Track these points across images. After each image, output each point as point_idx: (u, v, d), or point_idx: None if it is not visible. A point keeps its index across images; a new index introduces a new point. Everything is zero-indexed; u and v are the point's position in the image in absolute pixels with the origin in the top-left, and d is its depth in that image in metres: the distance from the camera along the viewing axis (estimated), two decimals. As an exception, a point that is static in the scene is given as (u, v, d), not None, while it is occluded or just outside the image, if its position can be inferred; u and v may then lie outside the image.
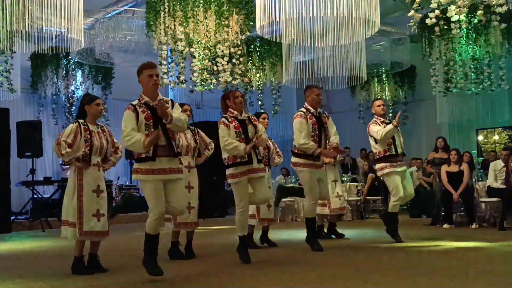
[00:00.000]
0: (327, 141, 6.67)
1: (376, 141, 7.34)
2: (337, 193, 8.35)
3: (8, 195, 10.91)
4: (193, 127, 6.46)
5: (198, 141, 6.41)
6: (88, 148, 5.39)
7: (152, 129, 4.78)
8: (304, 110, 6.66)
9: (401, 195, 7.22)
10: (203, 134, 6.61)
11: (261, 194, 5.79)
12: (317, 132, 6.54)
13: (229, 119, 5.77)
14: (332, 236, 8.17)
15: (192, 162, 6.33)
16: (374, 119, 7.49)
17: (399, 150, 7.33)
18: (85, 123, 5.48)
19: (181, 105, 6.35)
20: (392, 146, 7.29)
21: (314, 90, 6.75)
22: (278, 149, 7.56)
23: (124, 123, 4.79)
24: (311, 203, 6.62)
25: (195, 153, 6.40)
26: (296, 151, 6.66)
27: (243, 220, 5.76)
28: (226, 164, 5.76)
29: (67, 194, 5.37)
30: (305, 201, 6.82)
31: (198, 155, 6.48)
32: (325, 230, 8.26)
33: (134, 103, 4.90)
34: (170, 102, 5.03)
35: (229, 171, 5.74)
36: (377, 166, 7.44)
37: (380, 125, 7.34)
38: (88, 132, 5.42)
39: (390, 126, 7.20)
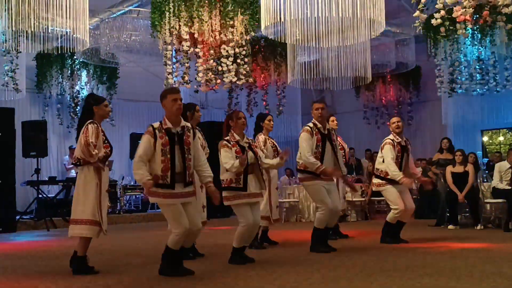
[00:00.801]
0: (337, 160, 6.60)
1: (383, 160, 7.31)
2: (344, 194, 8.36)
3: (13, 195, 10.94)
4: (199, 128, 6.44)
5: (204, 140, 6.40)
6: (109, 149, 5.47)
7: (168, 155, 4.87)
8: (311, 126, 6.55)
9: (402, 208, 7.19)
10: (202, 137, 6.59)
11: (254, 217, 5.75)
12: (320, 149, 6.43)
13: (231, 143, 5.73)
14: (336, 237, 8.15)
15: None
16: (390, 138, 7.37)
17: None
18: (96, 123, 5.49)
19: (192, 105, 6.38)
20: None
21: (314, 105, 6.65)
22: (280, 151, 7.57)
23: (141, 148, 4.89)
24: (323, 213, 6.42)
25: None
26: (299, 167, 6.60)
27: (244, 233, 5.72)
28: (223, 186, 5.73)
29: (85, 192, 5.31)
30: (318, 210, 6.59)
31: None
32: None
33: (155, 125, 4.96)
34: (191, 130, 5.10)
35: (224, 194, 5.71)
36: (375, 181, 7.45)
37: (395, 149, 7.22)
38: (103, 133, 5.48)
39: (398, 177, 7.07)
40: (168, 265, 5.01)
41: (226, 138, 5.77)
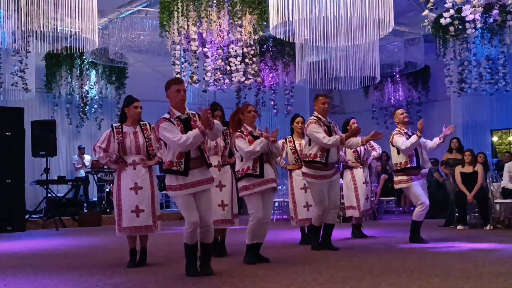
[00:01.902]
0: (339, 150, 6.74)
1: (398, 151, 7.28)
2: (367, 195, 8.35)
3: (23, 194, 11.00)
4: (225, 127, 6.38)
5: (228, 140, 6.36)
6: (118, 150, 5.65)
7: None
8: (316, 119, 6.60)
9: (427, 204, 7.20)
10: None
11: (266, 210, 5.76)
12: None
13: (244, 133, 5.71)
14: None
15: (221, 161, 6.32)
16: (397, 129, 7.38)
17: (421, 163, 7.27)
18: (120, 126, 5.71)
19: (214, 108, 6.38)
20: (414, 158, 7.22)
21: (320, 98, 6.68)
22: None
23: (167, 133, 4.81)
24: (318, 214, 6.65)
25: (225, 152, 6.36)
26: (307, 159, 6.61)
27: (254, 228, 5.72)
28: (239, 176, 5.73)
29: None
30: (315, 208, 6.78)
31: (230, 155, 6.40)
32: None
33: (166, 116, 4.96)
34: (196, 115, 5.08)
35: (241, 183, 5.72)
36: (396, 178, 7.40)
37: (403, 136, 7.26)
38: (121, 135, 5.65)
39: (414, 138, 7.09)
40: (187, 263, 4.99)
41: (239, 130, 5.78)
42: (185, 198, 4.89)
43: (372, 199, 12.31)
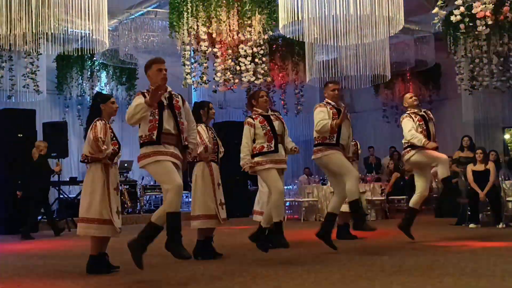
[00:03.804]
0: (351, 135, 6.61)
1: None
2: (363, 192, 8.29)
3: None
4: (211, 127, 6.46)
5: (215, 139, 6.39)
6: (117, 146, 5.50)
7: (156, 116, 4.80)
8: (324, 103, 6.54)
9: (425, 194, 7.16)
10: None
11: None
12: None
13: (254, 116, 5.91)
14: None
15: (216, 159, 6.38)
16: (408, 113, 7.23)
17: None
18: (107, 122, 5.53)
19: (205, 103, 6.40)
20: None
21: (329, 85, 6.59)
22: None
23: (135, 103, 4.75)
24: (355, 182, 6.22)
25: (217, 150, 6.40)
26: (316, 141, 6.42)
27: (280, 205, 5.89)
28: (254, 153, 5.98)
29: (92, 191, 5.31)
30: (332, 196, 6.61)
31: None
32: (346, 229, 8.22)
33: (144, 91, 4.92)
34: (180, 97, 5.08)
35: (257, 159, 5.91)
36: (407, 155, 7.18)
37: (414, 120, 7.10)
38: (111, 131, 5.52)
39: (423, 142, 6.90)
40: (176, 240, 4.68)
41: (249, 115, 6.00)
42: (166, 163, 4.75)
43: (383, 198, 12.33)
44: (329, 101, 6.53)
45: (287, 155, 6.26)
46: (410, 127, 7.05)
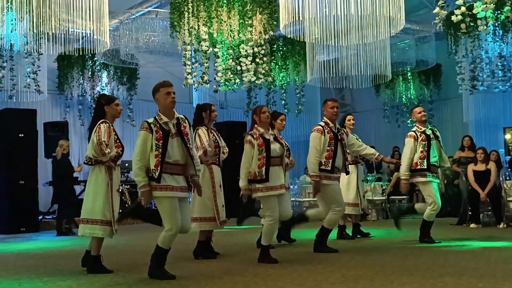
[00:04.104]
0: (346, 156, 6.64)
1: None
2: (364, 193, 8.29)
3: (36, 195, 11.08)
4: (214, 128, 6.46)
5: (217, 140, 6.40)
6: (121, 149, 5.50)
7: (160, 149, 4.75)
8: (323, 124, 6.53)
9: (439, 204, 7.10)
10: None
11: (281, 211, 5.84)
12: (333, 147, 6.41)
13: (255, 136, 5.76)
14: (358, 236, 8.13)
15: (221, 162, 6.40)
16: (414, 129, 7.32)
17: (432, 161, 7.13)
18: (111, 125, 5.52)
19: (207, 106, 6.40)
20: (425, 161, 7.11)
21: (329, 103, 6.61)
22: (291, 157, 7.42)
23: (139, 143, 4.78)
24: (338, 216, 6.57)
25: (219, 153, 6.41)
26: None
27: (272, 230, 5.79)
28: (249, 179, 5.77)
29: (96, 192, 5.34)
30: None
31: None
32: (347, 231, 8.20)
33: (149, 121, 4.86)
34: (187, 122, 5.04)
35: (254, 186, 5.75)
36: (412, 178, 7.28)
37: (418, 140, 7.18)
38: (115, 133, 5.51)
39: (403, 176, 7.12)
40: (157, 266, 4.87)
41: (250, 132, 5.84)
42: (170, 202, 4.79)
43: (384, 198, 12.32)
44: (328, 121, 6.54)
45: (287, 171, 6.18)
46: (408, 151, 7.17)
